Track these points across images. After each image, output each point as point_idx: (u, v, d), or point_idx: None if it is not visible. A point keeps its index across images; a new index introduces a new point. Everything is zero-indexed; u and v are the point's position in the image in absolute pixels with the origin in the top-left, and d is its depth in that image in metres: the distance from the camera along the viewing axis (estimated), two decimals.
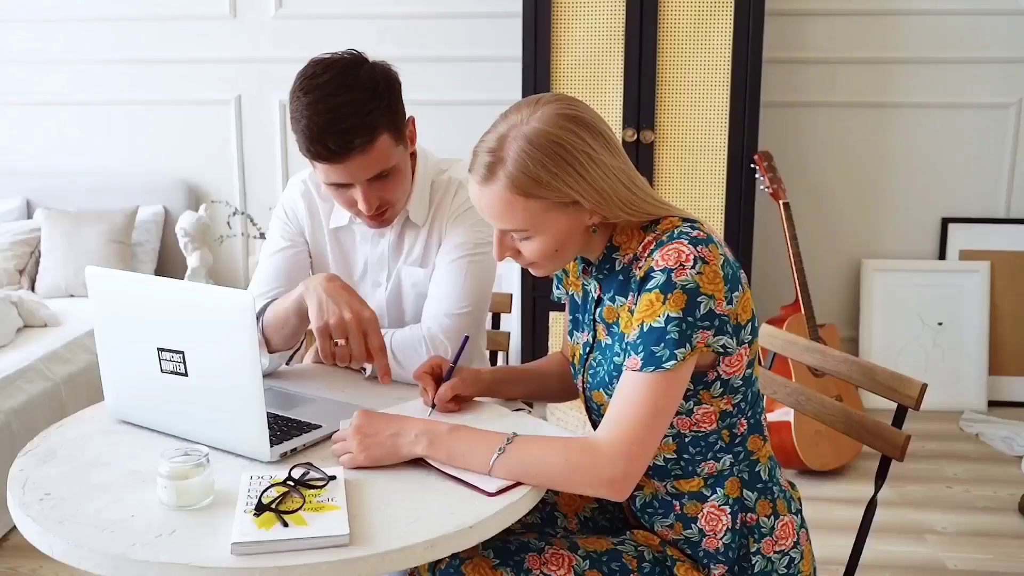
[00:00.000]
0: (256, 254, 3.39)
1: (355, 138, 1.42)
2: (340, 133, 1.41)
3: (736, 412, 1.27)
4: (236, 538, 1.02)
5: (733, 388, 1.25)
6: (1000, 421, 3.26)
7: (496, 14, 3.37)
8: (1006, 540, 2.48)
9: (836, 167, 3.47)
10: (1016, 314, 3.42)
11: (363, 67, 1.46)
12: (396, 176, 1.52)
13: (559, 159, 1.16)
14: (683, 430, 1.27)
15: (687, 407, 1.25)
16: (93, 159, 3.61)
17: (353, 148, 1.42)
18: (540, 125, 1.16)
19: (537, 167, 1.15)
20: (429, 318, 1.58)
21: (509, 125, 1.19)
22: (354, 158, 1.44)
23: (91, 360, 2.83)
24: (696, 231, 1.20)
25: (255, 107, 3.54)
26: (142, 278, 1.33)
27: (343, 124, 1.41)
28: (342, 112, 1.41)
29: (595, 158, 1.17)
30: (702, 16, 3.01)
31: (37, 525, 1.09)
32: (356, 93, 1.42)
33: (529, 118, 1.18)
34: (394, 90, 1.48)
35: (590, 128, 1.18)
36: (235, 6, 3.47)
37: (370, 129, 1.43)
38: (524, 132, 1.17)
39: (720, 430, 1.27)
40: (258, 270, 1.70)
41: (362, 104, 1.42)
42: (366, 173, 1.47)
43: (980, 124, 3.41)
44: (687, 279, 1.15)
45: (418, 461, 1.22)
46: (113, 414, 1.40)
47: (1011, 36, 3.32)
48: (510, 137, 1.17)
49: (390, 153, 1.48)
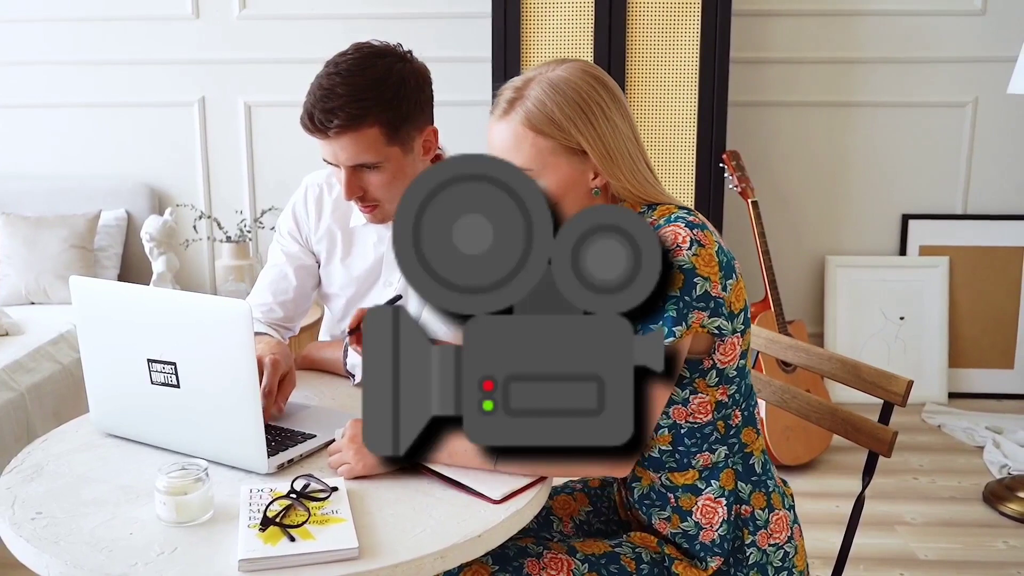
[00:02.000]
0: (223, 258, 3.33)
1: (335, 119, 1.45)
2: (325, 111, 1.46)
3: (731, 403, 1.29)
4: (243, 555, 1.00)
5: (728, 378, 1.27)
6: (961, 412, 3.34)
7: (464, 15, 3.35)
8: (973, 529, 2.55)
9: (799, 166, 3.53)
10: (974, 308, 3.51)
11: (387, 59, 1.50)
12: (385, 175, 1.52)
13: (575, 104, 1.23)
14: (679, 420, 1.28)
15: (683, 396, 1.27)
16: (53, 163, 3.52)
17: (330, 127, 1.46)
18: (565, 74, 1.25)
19: (553, 107, 1.23)
20: None
21: (536, 72, 1.28)
22: (334, 138, 1.48)
23: (56, 369, 2.76)
24: (692, 216, 1.24)
25: (220, 109, 3.48)
26: (131, 288, 1.30)
27: (331, 103, 1.45)
28: (336, 92, 1.45)
29: (608, 115, 1.24)
30: (670, 16, 3.03)
31: (31, 546, 1.06)
32: (359, 79, 1.46)
33: (556, 68, 1.27)
34: (405, 91, 1.49)
35: (609, 89, 1.27)
36: (198, 7, 3.41)
37: (356, 116, 1.45)
38: (549, 77, 1.25)
39: (715, 421, 1.29)
40: (258, 279, 1.74)
41: (360, 90, 1.45)
42: (348, 158, 1.50)
43: (937, 122, 3.48)
44: (684, 260, 1.18)
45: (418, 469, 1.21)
46: (98, 427, 1.37)
47: (967, 36, 3.40)
48: (535, 80, 1.26)
49: (377, 148, 1.49)
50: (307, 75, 1.55)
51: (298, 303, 1.71)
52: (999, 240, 3.48)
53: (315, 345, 1.74)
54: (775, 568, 1.32)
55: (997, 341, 3.51)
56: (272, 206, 3.48)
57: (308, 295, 1.74)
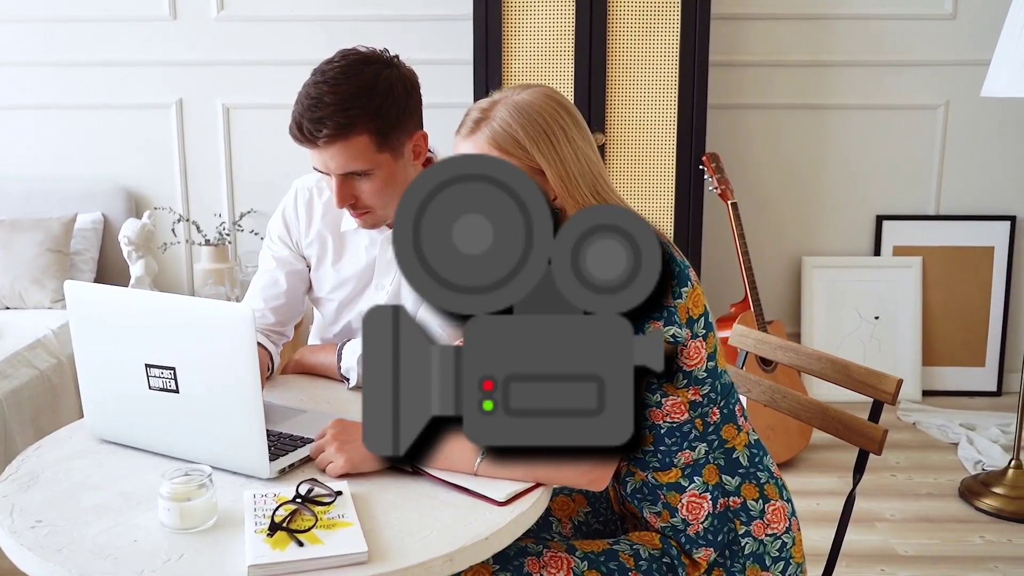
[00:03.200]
0: (201, 261, 3.30)
1: (324, 128, 1.45)
2: (313, 120, 1.46)
3: (706, 402, 1.32)
4: (252, 560, 1.00)
5: (698, 380, 1.30)
6: (935, 410, 3.40)
7: (446, 17, 3.35)
8: (951, 525, 2.60)
9: (775, 167, 3.57)
10: (947, 307, 3.57)
11: (374, 66, 1.49)
12: (376, 181, 1.53)
13: (538, 127, 1.28)
14: (657, 421, 1.31)
15: (655, 399, 1.29)
16: (28, 165, 3.46)
17: (319, 137, 1.46)
18: (529, 98, 1.31)
19: (517, 128, 1.28)
20: None
21: (502, 95, 1.33)
22: (323, 147, 1.48)
23: (33, 375, 2.72)
24: None
25: (197, 111, 3.45)
26: (127, 292, 1.29)
27: (319, 112, 1.45)
28: (324, 100, 1.46)
29: (570, 136, 1.30)
30: (650, 20, 3.06)
31: (34, 555, 1.05)
32: (346, 87, 1.46)
33: (521, 92, 1.32)
34: (394, 97, 1.49)
35: (571, 113, 1.32)
36: (175, 7, 3.37)
37: (344, 125, 1.46)
38: (515, 100, 1.31)
39: (693, 419, 1.31)
40: (250, 285, 1.74)
41: (348, 99, 1.45)
42: (337, 167, 1.50)
43: (910, 125, 3.54)
44: None
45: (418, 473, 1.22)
46: (94, 433, 1.35)
47: (938, 40, 3.46)
48: (501, 103, 1.31)
49: (367, 155, 1.49)
50: (286, 77, 1.55)
51: (290, 308, 1.71)
52: (971, 240, 3.55)
53: (307, 349, 1.74)
54: (772, 558, 1.34)
55: (969, 339, 3.58)
56: (251, 209, 3.46)
57: (300, 300, 1.74)
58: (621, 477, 1.37)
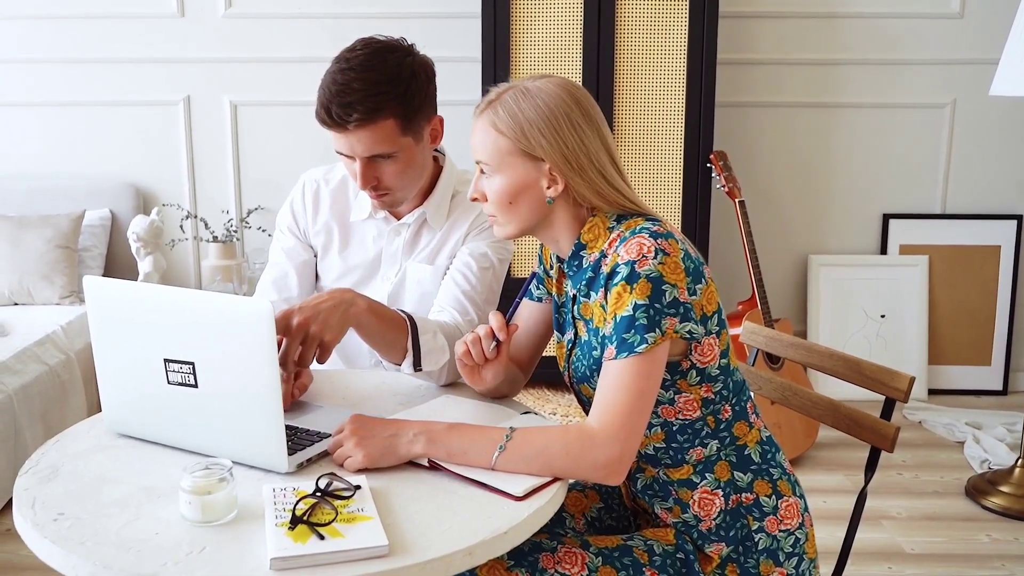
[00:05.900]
0: (209, 258, 3.31)
1: (354, 112, 1.50)
2: (343, 105, 1.50)
3: (719, 399, 1.32)
4: (274, 553, 1.01)
5: (711, 377, 1.30)
6: (941, 408, 3.41)
7: (454, 15, 3.36)
8: (957, 523, 2.61)
9: (783, 166, 3.58)
10: (953, 305, 3.58)
11: (396, 54, 1.55)
12: (399, 164, 1.59)
13: (541, 113, 1.28)
14: (669, 419, 1.31)
15: (668, 396, 1.30)
16: (36, 162, 3.47)
17: (350, 121, 1.50)
18: (541, 85, 1.31)
19: (519, 111, 1.29)
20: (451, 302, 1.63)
21: (519, 81, 1.35)
22: (352, 131, 1.52)
23: (43, 370, 2.74)
24: (657, 227, 1.28)
25: (205, 108, 3.46)
26: (147, 287, 1.30)
27: (349, 97, 1.50)
28: (352, 86, 1.50)
29: (577, 126, 1.29)
30: (658, 18, 3.06)
31: (57, 547, 1.05)
32: (374, 73, 1.51)
33: (537, 79, 1.33)
34: (417, 83, 1.55)
35: (581, 104, 1.31)
36: (183, 5, 3.38)
37: (373, 109, 1.51)
38: (526, 85, 1.32)
39: (705, 416, 1.32)
40: (261, 278, 1.77)
41: (374, 84, 1.50)
42: (364, 150, 1.54)
43: (917, 124, 3.55)
44: (650, 268, 1.22)
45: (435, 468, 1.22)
46: (112, 428, 1.36)
47: (945, 39, 3.47)
48: (514, 87, 1.33)
49: (393, 139, 1.55)
50: (293, 74, 1.58)
51: (302, 299, 1.72)
52: (977, 239, 3.56)
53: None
54: (786, 554, 1.35)
55: (975, 338, 3.59)
56: (259, 205, 3.47)
57: (310, 290, 1.77)
58: (631, 473, 1.38)
